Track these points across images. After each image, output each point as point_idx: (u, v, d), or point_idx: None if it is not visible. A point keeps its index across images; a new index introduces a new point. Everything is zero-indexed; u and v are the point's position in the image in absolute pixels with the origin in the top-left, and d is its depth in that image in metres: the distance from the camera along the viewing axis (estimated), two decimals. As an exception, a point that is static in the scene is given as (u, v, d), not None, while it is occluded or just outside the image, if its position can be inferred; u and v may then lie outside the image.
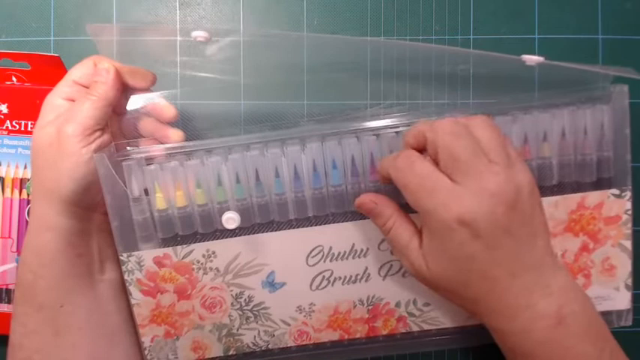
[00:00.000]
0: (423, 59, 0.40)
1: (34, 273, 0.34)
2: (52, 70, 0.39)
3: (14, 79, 0.40)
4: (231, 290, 0.37)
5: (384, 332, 0.39)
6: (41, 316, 0.34)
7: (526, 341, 0.31)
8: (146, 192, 0.36)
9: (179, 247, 0.36)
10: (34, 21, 0.42)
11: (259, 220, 0.36)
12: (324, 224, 0.37)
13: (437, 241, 0.31)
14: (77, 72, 0.35)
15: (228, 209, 0.35)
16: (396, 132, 0.35)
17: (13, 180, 0.40)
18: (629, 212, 0.37)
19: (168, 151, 0.35)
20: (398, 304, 0.38)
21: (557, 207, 0.36)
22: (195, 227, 0.36)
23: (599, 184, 0.36)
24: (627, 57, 0.41)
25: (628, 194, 0.36)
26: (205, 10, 0.42)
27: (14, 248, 0.40)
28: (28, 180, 0.40)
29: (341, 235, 0.37)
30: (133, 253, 0.36)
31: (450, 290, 0.32)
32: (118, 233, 0.36)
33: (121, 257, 0.36)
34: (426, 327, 0.39)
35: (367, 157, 0.35)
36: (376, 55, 0.40)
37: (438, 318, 0.38)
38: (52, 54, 0.39)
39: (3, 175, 0.40)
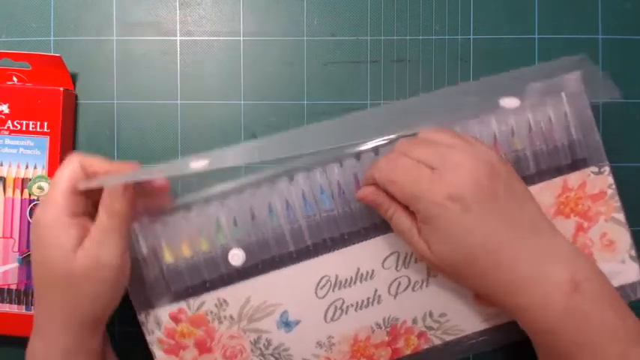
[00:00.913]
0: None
1: None
2: (52, 70, 0.40)
3: (15, 79, 0.40)
4: (249, 336, 0.38)
5: (408, 352, 0.39)
6: None
7: (545, 314, 0.31)
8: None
9: (191, 300, 0.37)
10: (34, 21, 0.42)
11: (261, 257, 0.38)
12: (325, 254, 0.38)
13: (432, 224, 0.32)
14: (69, 182, 0.33)
15: (227, 255, 0.37)
16: (376, 152, 0.38)
17: (15, 180, 0.40)
18: (613, 187, 0.38)
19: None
20: (415, 321, 0.38)
21: (542, 193, 0.38)
22: (203, 275, 0.37)
23: (576, 166, 0.38)
24: (627, 57, 0.42)
25: (607, 169, 0.38)
26: (205, 10, 0.42)
27: (16, 248, 0.40)
28: (30, 180, 0.40)
29: (344, 261, 0.38)
30: (149, 311, 0.37)
31: (458, 271, 0.33)
32: (134, 294, 0.37)
33: (139, 318, 0.37)
34: (447, 338, 0.39)
35: (352, 179, 0.38)
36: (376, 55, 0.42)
37: (457, 326, 0.38)
38: (52, 54, 0.39)
39: (4, 175, 0.40)
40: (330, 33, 0.42)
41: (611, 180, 0.38)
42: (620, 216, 0.38)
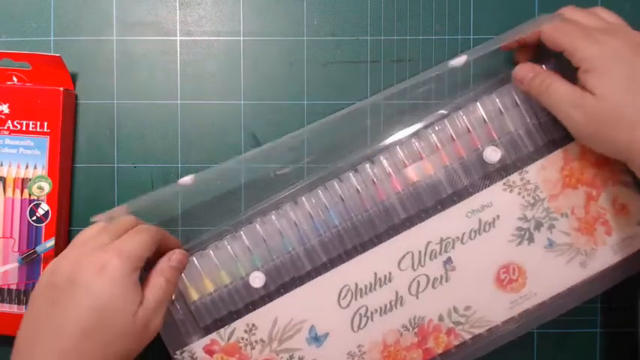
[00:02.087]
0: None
1: None
2: (52, 70, 0.40)
3: (15, 79, 0.40)
4: (282, 357, 0.39)
5: (439, 351, 0.39)
6: None
7: None
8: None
9: (222, 330, 0.39)
10: (34, 21, 0.42)
11: (280, 280, 0.39)
12: (341, 264, 0.39)
13: (604, 67, 0.33)
14: (148, 251, 0.34)
15: (249, 280, 0.39)
16: (372, 162, 0.39)
17: (15, 180, 0.40)
18: (614, 150, 0.38)
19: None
20: (441, 318, 0.39)
21: (546, 169, 0.38)
22: (229, 306, 0.39)
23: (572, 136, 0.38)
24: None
25: (605, 134, 0.38)
26: (205, 10, 0.42)
27: (16, 248, 0.40)
28: (30, 180, 0.40)
29: (360, 268, 0.38)
30: (184, 349, 0.39)
31: (619, 116, 0.33)
32: (166, 336, 0.38)
33: (175, 357, 0.39)
34: (476, 331, 0.39)
35: (354, 191, 0.39)
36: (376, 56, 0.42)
37: (484, 317, 0.38)
38: (52, 54, 0.39)
39: (4, 175, 0.40)
40: (330, 33, 0.42)
41: (611, 144, 0.38)
42: (628, 178, 0.38)
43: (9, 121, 0.40)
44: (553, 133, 0.38)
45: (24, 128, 0.40)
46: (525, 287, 0.38)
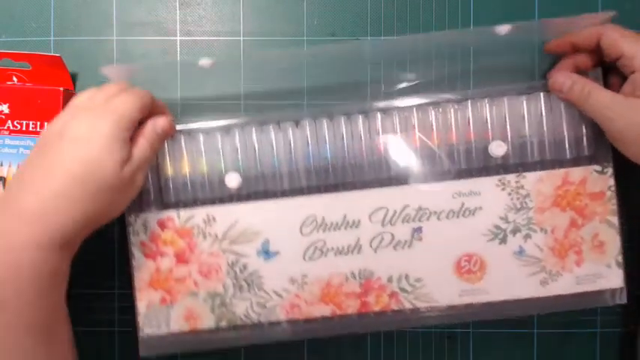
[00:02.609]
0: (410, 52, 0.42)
1: (37, 293, 0.32)
2: (52, 70, 0.40)
3: (15, 79, 0.41)
4: (227, 257, 0.39)
5: (376, 309, 0.39)
6: (34, 335, 0.33)
7: None
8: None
9: (182, 211, 0.39)
10: (34, 21, 0.42)
11: (255, 188, 0.39)
12: (318, 194, 0.39)
13: None
14: (140, 113, 0.35)
15: (225, 177, 0.39)
16: (384, 112, 0.39)
17: None
18: (613, 189, 0.38)
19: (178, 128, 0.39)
20: (390, 279, 0.39)
21: (543, 182, 0.38)
22: (197, 194, 0.39)
23: (579, 162, 0.38)
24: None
25: (610, 171, 0.38)
26: (205, 10, 0.42)
27: None
28: None
29: (333, 205, 0.38)
30: (140, 214, 0.39)
31: None
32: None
33: (128, 219, 0.39)
34: (418, 304, 0.39)
35: (358, 134, 0.39)
36: (372, 57, 0.42)
37: (431, 295, 0.38)
38: (52, 54, 0.40)
39: (5, 175, 0.40)
40: (330, 33, 0.42)
41: (612, 182, 0.38)
42: (615, 219, 0.38)
43: (9, 121, 0.40)
44: (563, 155, 0.38)
45: (24, 128, 0.40)
46: (480, 282, 0.38)
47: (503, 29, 0.36)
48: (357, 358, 0.43)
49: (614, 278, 0.38)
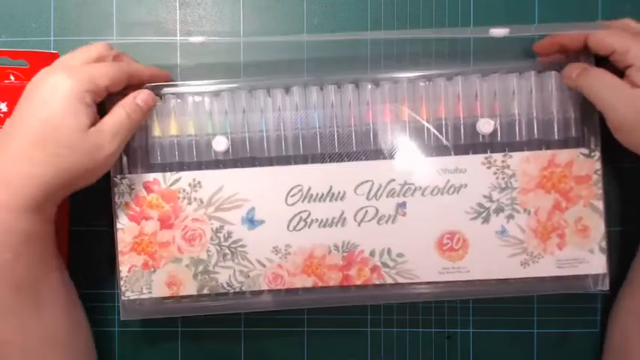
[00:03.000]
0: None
1: (14, 252, 0.33)
2: None
3: (12, 77, 0.40)
4: (212, 224, 0.39)
5: (358, 282, 0.39)
6: (18, 295, 0.34)
7: None
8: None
9: (168, 174, 0.39)
10: (34, 21, 0.42)
11: (242, 154, 0.39)
12: (304, 164, 0.39)
13: None
14: (109, 80, 0.35)
15: (212, 141, 0.39)
16: (376, 85, 0.39)
17: None
18: (599, 172, 0.38)
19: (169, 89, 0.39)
20: (372, 253, 0.39)
21: (529, 162, 0.38)
22: (184, 156, 0.39)
23: (567, 144, 0.38)
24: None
25: (597, 154, 0.38)
26: (205, 10, 0.42)
27: None
28: None
29: (319, 176, 0.39)
30: (125, 175, 0.39)
31: None
32: (115, 157, 0.39)
33: (114, 179, 0.39)
34: (399, 280, 0.39)
35: (347, 103, 0.39)
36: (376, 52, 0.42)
37: (412, 271, 0.39)
38: (50, 51, 0.40)
39: None
40: (330, 33, 0.42)
41: (598, 165, 0.38)
42: (600, 204, 0.38)
43: (7, 120, 0.40)
44: (551, 135, 0.38)
45: None
46: (462, 260, 0.38)
47: (500, 32, 0.36)
48: (357, 358, 0.43)
49: (596, 264, 0.38)
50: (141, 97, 0.37)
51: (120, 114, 0.36)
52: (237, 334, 0.43)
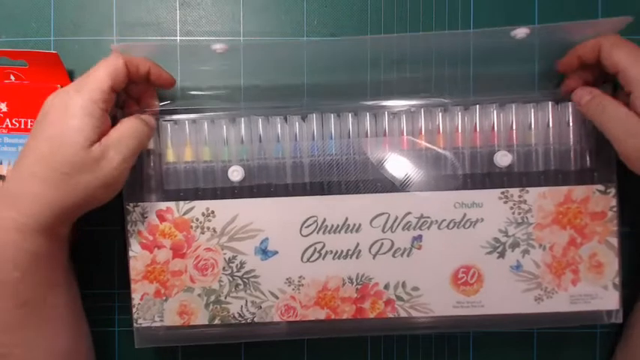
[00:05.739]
0: (423, 54, 0.41)
1: (22, 271, 0.33)
2: (50, 68, 0.39)
3: (12, 77, 0.40)
4: (225, 253, 0.38)
5: (371, 315, 0.39)
6: (24, 311, 0.34)
7: None
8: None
9: (181, 203, 0.38)
10: (34, 21, 0.42)
11: (258, 181, 0.38)
12: (319, 195, 0.38)
13: None
14: (111, 79, 0.34)
15: (228, 169, 0.38)
16: (393, 114, 0.39)
17: None
18: (615, 209, 0.38)
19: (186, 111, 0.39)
20: (387, 286, 0.38)
21: (546, 197, 0.38)
22: (199, 182, 0.38)
23: (583, 177, 0.38)
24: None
25: (613, 191, 0.38)
26: (205, 10, 0.42)
27: None
28: None
29: (335, 207, 0.38)
30: (138, 203, 0.38)
31: None
32: (128, 185, 0.38)
33: (126, 207, 0.38)
34: (413, 314, 0.38)
35: (363, 131, 0.38)
36: (375, 56, 0.42)
37: (427, 305, 0.38)
38: (49, 51, 0.39)
39: (4, 173, 0.40)
40: (330, 33, 0.42)
41: (614, 202, 0.38)
42: (614, 241, 0.38)
43: (7, 120, 0.40)
44: (567, 166, 0.38)
45: (22, 126, 0.40)
46: (477, 295, 0.38)
47: (520, 32, 0.35)
48: (357, 359, 0.42)
49: (609, 300, 0.38)
50: (145, 117, 0.37)
51: (124, 124, 0.35)
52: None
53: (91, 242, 0.42)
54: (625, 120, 0.34)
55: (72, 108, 0.33)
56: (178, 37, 0.42)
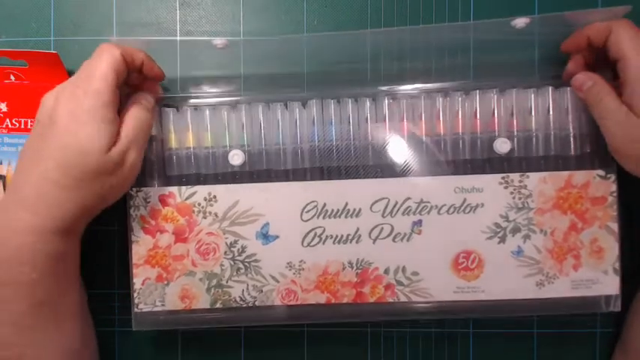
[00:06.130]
0: (423, 47, 0.41)
1: (39, 272, 0.33)
2: (50, 68, 0.39)
3: (12, 77, 0.40)
4: (226, 238, 0.39)
5: (371, 300, 0.39)
6: (38, 312, 0.34)
7: None
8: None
9: (184, 187, 0.39)
10: (34, 21, 0.42)
11: (258, 167, 0.39)
12: (320, 179, 0.39)
13: None
14: (114, 73, 0.34)
15: (228, 154, 0.39)
16: (392, 99, 0.39)
17: None
18: (615, 194, 0.38)
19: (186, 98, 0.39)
20: (387, 271, 0.39)
21: (547, 182, 0.38)
22: (201, 168, 0.39)
23: (583, 162, 0.38)
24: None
25: (613, 176, 0.38)
26: (205, 10, 0.42)
27: None
28: None
29: (335, 192, 0.38)
30: (141, 188, 0.39)
31: None
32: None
33: (130, 192, 0.39)
34: (413, 298, 0.39)
35: (364, 117, 0.39)
36: (376, 49, 0.42)
37: (427, 289, 0.38)
38: (49, 51, 0.39)
39: (4, 173, 0.40)
40: (329, 33, 0.42)
41: (614, 187, 0.38)
42: (615, 226, 0.38)
43: (7, 120, 0.40)
44: (567, 151, 0.38)
45: (22, 126, 0.40)
46: (477, 280, 0.38)
47: (520, 21, 0.36)
48: (357, 359, 0.43)
49: (610, 285, 0.38)
50: (147, 98, 0.37)
51: (131, 117, 0.35)
52: (237, 333, 0.43)
53: (91, 242, 0.42)
54: (617, 113, 0.34)
55: (84, 115, 0.33)
56: (178, 37, 0.42)
